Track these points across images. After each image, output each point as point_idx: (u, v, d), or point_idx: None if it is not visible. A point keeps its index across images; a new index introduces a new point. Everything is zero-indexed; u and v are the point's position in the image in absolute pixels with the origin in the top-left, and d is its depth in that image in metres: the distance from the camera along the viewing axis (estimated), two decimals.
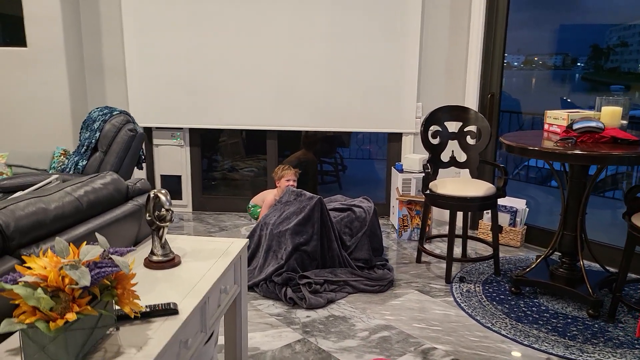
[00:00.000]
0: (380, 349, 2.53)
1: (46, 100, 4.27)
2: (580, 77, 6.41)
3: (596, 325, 2.75)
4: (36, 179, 3.01)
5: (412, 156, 4.13)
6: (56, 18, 4.14)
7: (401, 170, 4.10)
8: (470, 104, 4.02)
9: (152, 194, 1.68)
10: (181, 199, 4.79)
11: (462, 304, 2.99)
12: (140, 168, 3.86)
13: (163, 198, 1.66)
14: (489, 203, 3.26)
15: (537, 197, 5.72)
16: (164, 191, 1.70)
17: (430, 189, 3.34)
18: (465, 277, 3.35)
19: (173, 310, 1.37)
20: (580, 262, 2.97)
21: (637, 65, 5.53)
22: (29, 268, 1.13)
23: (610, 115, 2.95)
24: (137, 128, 3.68)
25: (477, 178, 3.58)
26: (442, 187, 3.31)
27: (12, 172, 3.75)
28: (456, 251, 3.77)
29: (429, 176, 3.36)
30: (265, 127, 4.50)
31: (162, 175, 4.76)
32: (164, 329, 1.30)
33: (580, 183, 2.97)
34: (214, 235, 4.13)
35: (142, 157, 3.85)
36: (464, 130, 3.59)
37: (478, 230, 4.08)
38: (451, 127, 3.63)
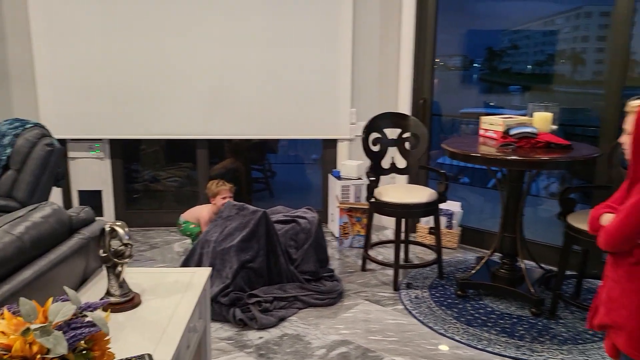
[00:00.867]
0: None
1: None
2: (479, 77, 6.76)
3: (540, 324, 2.87)
4: None
5: (350, 162, 4.11)
6: None
7: (339, 177, 4.06)
8: (403, 109, 4.06)
9: (107, 228, 1.48)
10: (102, 215, 4.43)
11: (413, 312, 3.00)
12: (59, 186, 3.50)
13: (121, 231, 1.47)
14: (432, 209, 3.31)
15: (467, 199, 5.93)
16: (119, 223, 1.51)
17: (375, 197, 3.33)
18: (412, 282, 3.37)
19: None
20: (520, 262, 3.09)
21: (526, 66, 5.97)
22: None
23: (542, 120, 3.10)
24: (54, 142, 3.33)
25: (411, 183, 3.62)
26: (386, 194, 3.30)
27: None
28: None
29: (374, 184, 3.34)
30: (195, 136, 4.26)
31: (79, 191, 4.37)
32: None
33: (518, 186, 3.09)
34: (145, 255, 3.85)
35: (61, 173, 3.50)
36: (403, 136, 3.62)
37: (416, 234, 4.14)
38: (390, 134, 3.64)
